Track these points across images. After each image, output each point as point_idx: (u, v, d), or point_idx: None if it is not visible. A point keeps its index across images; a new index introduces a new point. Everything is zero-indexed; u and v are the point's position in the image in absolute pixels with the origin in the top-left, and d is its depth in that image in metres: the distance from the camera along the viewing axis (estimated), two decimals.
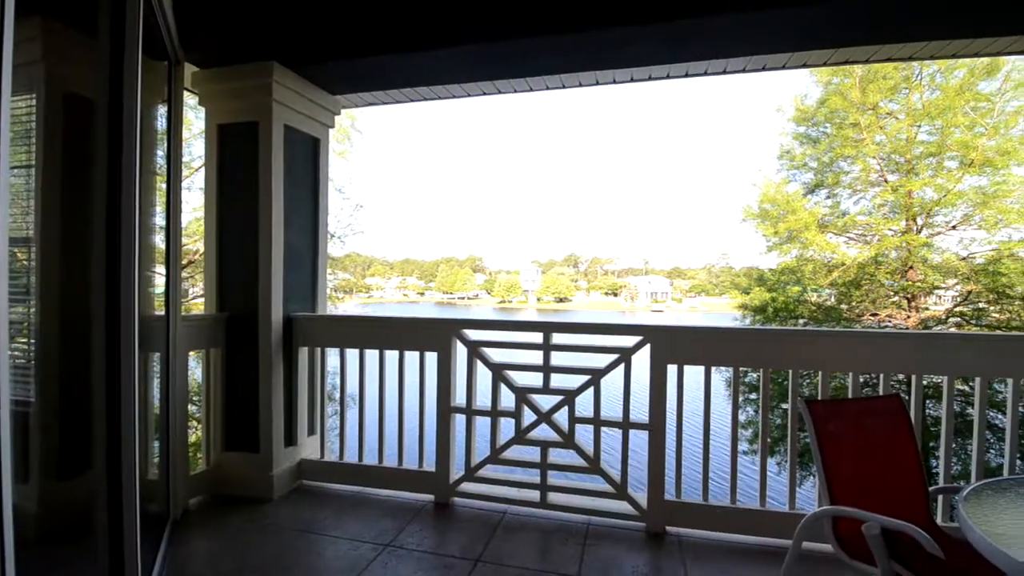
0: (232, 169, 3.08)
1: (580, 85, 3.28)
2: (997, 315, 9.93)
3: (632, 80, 3.24)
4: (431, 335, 3.04)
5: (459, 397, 3.02)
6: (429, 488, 3.02)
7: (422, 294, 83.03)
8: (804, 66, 3.17)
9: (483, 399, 2.99)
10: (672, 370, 2.71)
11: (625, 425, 2.77)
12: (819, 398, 2.54)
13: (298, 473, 3.21)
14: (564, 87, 3.28)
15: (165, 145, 2.66)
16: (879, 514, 1.72)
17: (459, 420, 3.02)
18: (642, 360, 2.76)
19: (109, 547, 1.71)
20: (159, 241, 2.57)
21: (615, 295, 76.53)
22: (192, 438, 6.77)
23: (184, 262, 8.92)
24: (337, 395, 3.31)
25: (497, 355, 3.01)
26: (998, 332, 9.33)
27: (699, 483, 2.75)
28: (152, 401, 2.44)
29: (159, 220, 2.54)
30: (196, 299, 8.98)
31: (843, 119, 11.39)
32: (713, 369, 2.76)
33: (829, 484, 1.94)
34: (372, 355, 3.16)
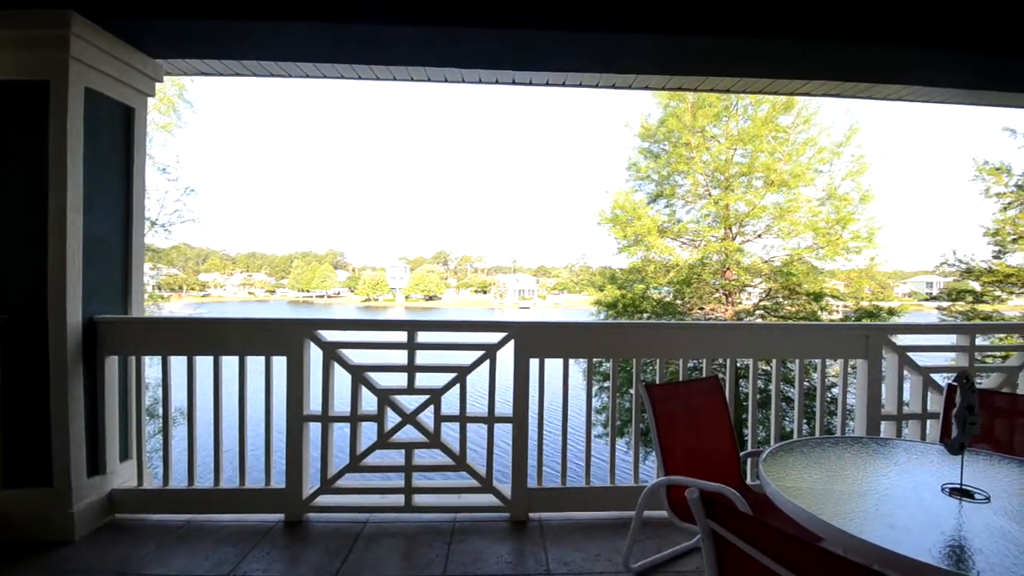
0: (9, 136, 2.45)
1: (446, 80, 3.25)
2: (790, 307, 12.36)
3: (497, 82, 3.30)
4: (280, 337, 2.74)
5: (314, 404, 2.78)
6: (278, 507, 2.73)
7: (272, 292, 74.44)
8: (647, 88, 3.55)
9: (342, 404, 2.79)
10: (534, 364, 2.83)
11: (490, 420, 2.81)
12: (657, 382, 2.86)
13: (109, 506, 2.68)
14: (430, 80, 3.21)
15: None
16: (703, 480, 1.98)
17: (314, 429, 2.78)
18: (507, 355, 2.83)
19: None
20: None
21: (485, 293, 78.04)
22: None
23: None
24: (160, 410, 2.82)
25: (358, 356, 2.83)
26: (789, 322, 11.54)
27: (559, 469, 2.90)
28: None
29: None
30: None
31: (678, 139, 13.12)
32: (571, 361, 2.94)
33: (664, 457, 2.18)
34: (205, 362, 2.76)
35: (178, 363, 2.78)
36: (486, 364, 2.81)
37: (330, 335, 2.78)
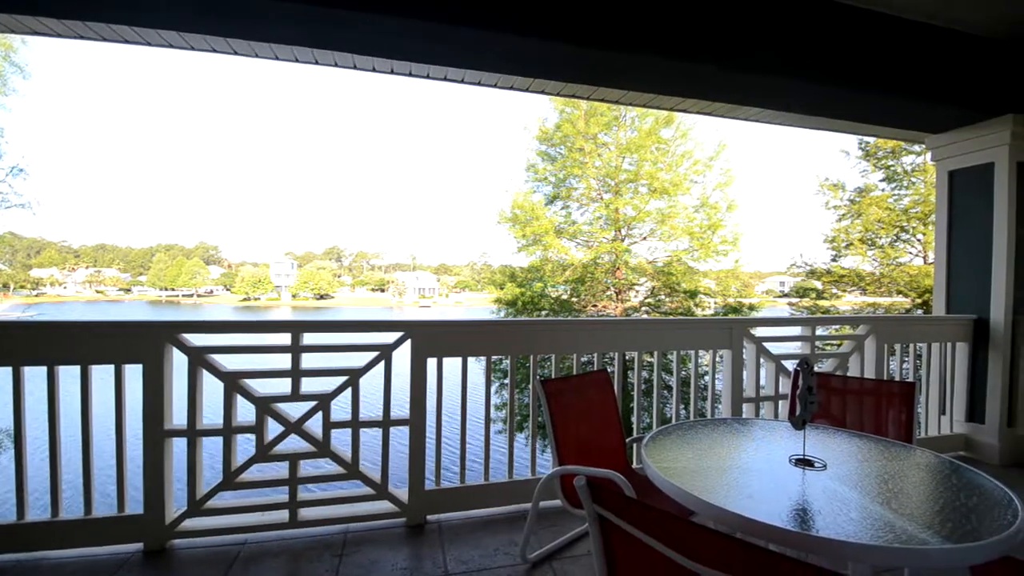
0: None
1: (336, 65, 3.06)
2: (670, 304, 13.56)
3: (392, 72, 3.19)
4: (134, 341, 2.38)
5: (178, 417, 2.46)
6: (135, 535, 2.38)
7: (128, 291, 64.63)
8: (543, 92, 3.65)
9: (213, 416, 2.51)
10: (432, 363, 2.76)
11: (385, 423, 2.70)
12: (552, 377, 2.96)
13: None
14: (317, 63, 3.01)
15: None
16: (594, 467, 2.08)
17: (178, 445, 2.46)
18: (403, 356, 2.74)
19: None
20: None
21: (383, 291, 75.23)
22: None
23: None
24: None
25: (233, 362, 2.56)
26: (669, 317, 12.65)
27: (459, 468, 2.88)
28: None
29: None
30: None
31: (573, 144, 13.76)
32: (470, 358, 2.93)
33: (558, 448, 2.26)
34: (37, 374, 2.32)
35: (1, 376, 2.30)
36: (381, 365, 2.70)
37: (198, 339, 2.48)
